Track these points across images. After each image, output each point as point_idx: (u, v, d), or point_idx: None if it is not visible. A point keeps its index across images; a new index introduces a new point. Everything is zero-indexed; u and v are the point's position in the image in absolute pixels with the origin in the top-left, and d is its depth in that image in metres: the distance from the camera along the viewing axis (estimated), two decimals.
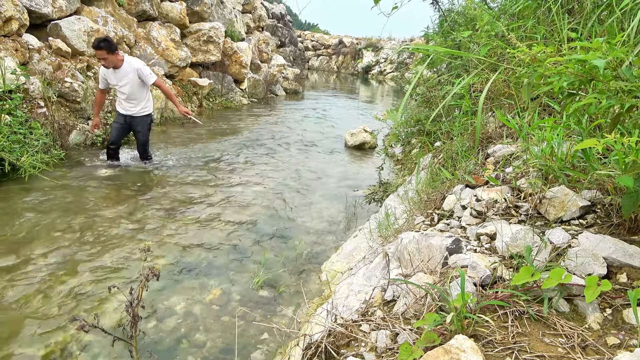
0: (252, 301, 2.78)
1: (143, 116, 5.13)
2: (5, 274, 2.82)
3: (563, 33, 2.31)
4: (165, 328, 2.45)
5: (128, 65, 4.86)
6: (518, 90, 2.70)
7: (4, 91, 4.94)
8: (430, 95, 4.67)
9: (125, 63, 4.85)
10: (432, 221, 2.12)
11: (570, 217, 1.59)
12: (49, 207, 3.88)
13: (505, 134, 2.69)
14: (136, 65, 4.89)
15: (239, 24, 12.53)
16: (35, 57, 5.97)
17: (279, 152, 6.65)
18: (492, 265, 1.42)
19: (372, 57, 29.71)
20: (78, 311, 2.53)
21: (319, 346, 1.24)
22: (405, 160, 5.71)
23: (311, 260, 3.36)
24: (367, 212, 4.32)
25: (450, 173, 2.53)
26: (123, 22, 8.27)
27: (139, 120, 5.12)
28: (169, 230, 3.63)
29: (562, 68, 1.42)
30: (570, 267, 1.32)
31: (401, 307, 1.38)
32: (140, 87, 4.98)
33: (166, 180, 4.89)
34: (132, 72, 4.86)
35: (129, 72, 4.85)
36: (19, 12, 5.87)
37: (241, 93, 11.67)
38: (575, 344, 1.11)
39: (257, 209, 4.26)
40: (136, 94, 4.99)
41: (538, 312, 1.22)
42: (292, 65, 16.99)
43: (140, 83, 4.96)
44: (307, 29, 42.52)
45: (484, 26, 2.82)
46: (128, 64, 4.86)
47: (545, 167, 1.80)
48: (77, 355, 2.20)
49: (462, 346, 1.01)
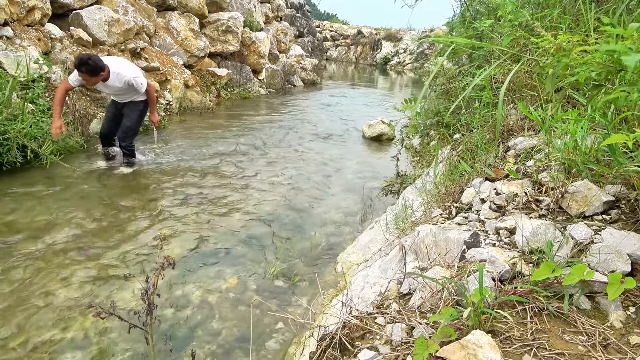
0: (267, 291, 2.80)
1: (136, 101, 4.82)
2: (25, 259, 2.88)
3: (590, 23, 2.24)
4: (181, 316, 2.48)
5: (117, 77, 4.44)
6: (541, 82, 2.63)
7: (27, 80, 5.02)
8: (450, 86, 4.60)
9: (113, 75, 4.41)
10: (450, 214, 2.09)
11: (593, 213, 1.55)
12: (68, 194, 3.95)
13: (527, 126, 2.63)
14: (126, 78, 4.47)
15: (257, 14, 12.51)
16: (57, 46, 6.06)
17: (295, 143, 6.65)
18: (512, 260, 1.39)
19: (391, 48, 29.41)
20: (96, 297, 2.58)
21: (334, 338, 1.23)
22: (423, 152, 5.65)
23: (327, 252, 3.36)
24: (384, 204, 4.29)
25: (469, 166, 2.49)
26: (143, 12, 8.32)
27: (129, 104, 4.81)
28: (186, 219, 3.66)
29: (590, 58, 1.37)
30: (593, 263, 1.28)
31: (417, 300, 1.36)
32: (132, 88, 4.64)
33: (183, 169, 4.93)
34: (122, 83, 4.49)
35: (118, 83, 4.49)
36: (41, 2, 5.95)
37: (259, 83, 11.68)
38: (596, 342, 1.08)
39: (274, 199, 4.27)
40: (129, 93, 4.70)
41: (558, 308, 1.19)
42: (310, 55, 16.92)
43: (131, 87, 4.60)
44: (325, 19, 42.27)
45: (507, 15, 2.75)
46: (117, 76, 4.43)
47: (568, 160, 1.75)
48: (95, 340, 2.24)
49: (479, 342, 0.99)
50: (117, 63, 4.51)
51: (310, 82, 14.84)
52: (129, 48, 7.35)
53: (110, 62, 4.42)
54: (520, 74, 2.93)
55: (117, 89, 4.56)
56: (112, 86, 4.49)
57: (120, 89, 4.56)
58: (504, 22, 2.86)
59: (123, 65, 4.54)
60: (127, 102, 4.77)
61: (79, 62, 4.11)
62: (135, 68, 4.74)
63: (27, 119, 4.40)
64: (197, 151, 5.71)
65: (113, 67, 4.41)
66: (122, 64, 4.57)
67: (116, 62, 4.51)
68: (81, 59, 4.12)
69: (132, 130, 4.87)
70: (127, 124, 4.81)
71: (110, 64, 4.40)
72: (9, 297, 2.50)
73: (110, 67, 4.38)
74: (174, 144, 5.92)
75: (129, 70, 4.54)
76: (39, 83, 5.16)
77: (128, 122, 4.81)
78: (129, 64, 4.75)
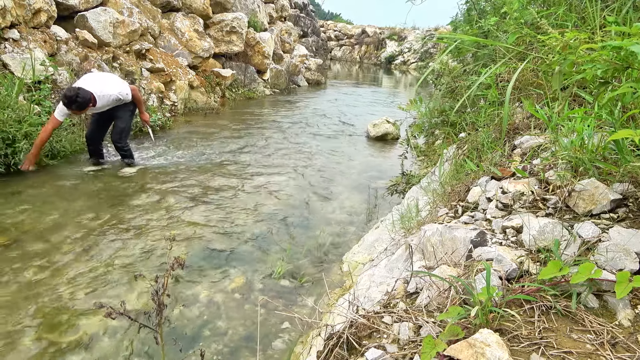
0: (273, 290, 2.80)
1: (126, 103, 4.76)
2: (35, 259, 2.90)
3: (596, 20, 2.23)
4: (188, 315, 2.49)
5: (104, 99, 4.45)
6: (547, 80, 2.62)
7: (34, 82, 5.06)
8: (455, 85, 4.59)
9: (100, 99, 4.40)
10: (456, 213, 2.09)
11: (601, 211, 1.54)
12: (75, 195, 3.98)
13: (533, 124, 2.62)
14: (113, 97, 4.50)
15: (261, 14, 12.53)
16: (63, 48, 6.09)
17: (300, 143, 6.65)
18: (519, 258, 1.38)
19: (395, 47, 29.38)
20: (104, 297, 2.60)
21: (341, 337, 1.24)
22: (429, 151, 5.64)
23: (332, 251, 3.36)
24: (389, 203, 4.29)
25: (475, 165, 2.48)
26: (147, 13, 8.35)
27: (120, 107, 4.75)
28: (192, 218, 3.68)
29: (596, 55, 1.36)
30: (600, 262, 1.28)
31: (424, 299, 1.36)
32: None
33: (190, 169, 4.95)
34: (110, 102, 4.53)
35: (107, 103, 4.53)
36: (47, 5, 5.99)
37: (263, 84, 11.70)
38: (604, 341, 1.07)
39: (279, 198, 4.28)
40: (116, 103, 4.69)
41: (566, 307, 1.19)
42: (314, 55, 16.92)
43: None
44: (329, 18, 42.27)
45: (513, 13, 2.74)
46: (103, 97, 4.44)
47: (575, 159, 1.75)
48: (104, 340, 2.26)
49: (487, 340, 0.99)
50: (99, 84, 4.44)
51: (314, 82, 14.84)
52: (133, 49, 7.38)
53: (93, 86, 4.35)
54: (526, 72, 2.92)
55: (107, 107, 4.59)
56: (102, 107, 4.52)
57: (110, 105, 4.60)
58: (510, 20, 2.86)
59: (105, 84, 4.51)
60: (115, 106, 4.72)
61: (68, 101, 4.11)
62: (116, 81, 4.71)
63: (33, 120, 4.43)
64: (202, 151, 5.73)
65: (97, 90, 4.37)
66: (104, 82, 4.54)
67: (98, 83, 4.45)
68: (70, 98, 4.11)
69: (126, 130, 4.89)
70: (120, 126, 4.82)
71: (93, 88, 4.34)
72: (17, 296, 2.52)
73: (95, 93, 4.33)
74: (179, 144, 5.94)
75: (112, 87, 4.53)
76: (45, 85, 5.20)
77: (121, 123, 4.82)
78: (109, 77, 4.74)
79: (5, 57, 5.10)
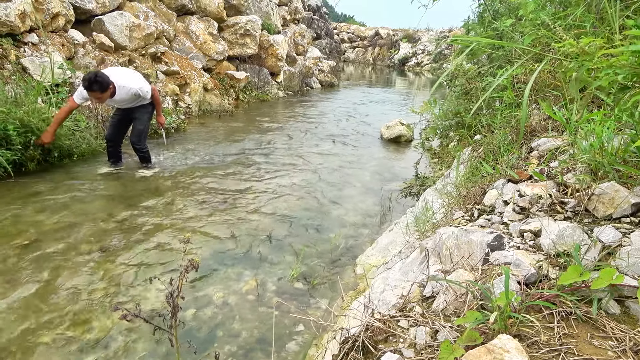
0: (287, 293, 2.80)
1: (144, 104, 4.78)
2: (52, 259, 2.95)
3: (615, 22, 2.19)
4: (202, 317, 2.51)
5: (124, 91, 4.44)
6: (565, 82, 2.58)
7: (52, 85, 5.14)
8: (470, 87, 4.55)
9: (120, 89, 4.41)
10: (472, 216, 2.06)
11: (621, 215, 1.51)
12: (91, 196, 4.03)
13: (551, 127, 2.59)
14: (132, 91, 4.48)
15: (275, 17, 12.58)
16: (80, 51, 6.19)
17: (313, 145, 6.66)
18: (537, 263, 1.36)
19: (408, 49, 29.26)
20: (120, 297, 2.62)
21: (357, 340, 1.23)
22: (443, 153, 5.60)
23: (346, 254, 3.35)
24: (403, 206, 4.27)
25: (491, 167, 2.46)
26: (163, 17, 8.45)
27: (138, 108, 4.76)
28: (205, 221, 3.70)
29: (615, 61, 1.34)
30: (622, 267, 1.25)
31: (441, 303, 1.35)
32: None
33: (203, 172, 4.98)
34: (129, 95, 4.50)
35: (125, 96, 4.50)
36: (65, 9, 6.09)
37: (277, 86, 11.74)
38: (626, 348, 1.05)
39: (292, 201, 4.28)
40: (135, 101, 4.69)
41: (586, 313, 1.17)
42: (327, 57, 16.94)
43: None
44: (343, 20, 42.27)
45: (529, 14, 2.71)
46: (123, 89, 4.43)
47: (594, 162, 1.72)
48: (119, 341, 2.28)
49: (505, 346, 0.98)
50: (120, 76, 4.48)
51: (327, 83, 14.85)
52: (149, 52, 7.46)
53: (114, 76, 4.39)
54: (542, 74, 2.88)
55: (125, 101, 4.59)
56: (120, 100, 4.52)
57: (128, 100, 4.59)
58: (525, 21, 2.82)
59: (127, 77, 4.53)
60: (134, 107, 4.74)
61: (89, 82, 4.12)
62: (138, 77, 4.71)
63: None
64: (216, 153, 5.76)
65: (118, 81, 4.40)
66: (125, 75, 4.56)
67: (119, 75, 4.48)
68: (89, 79, 4.12)
69: (144, 132, 4.89)
70: (139, 128, 4.83)
71: (115, 78, 4.38)
72: (35, 295, 2.56)
73: (116, 82, 4.37)
74: (193, 146, 5.99)
75: (133, 81, 4.54)
76: (63, 88, 5.28)
77: (140, 125, 4.83)
78: (131, 73, 4.74)
79: (24, 61, 5.20)
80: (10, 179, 4.03)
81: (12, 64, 5.07)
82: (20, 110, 4.24)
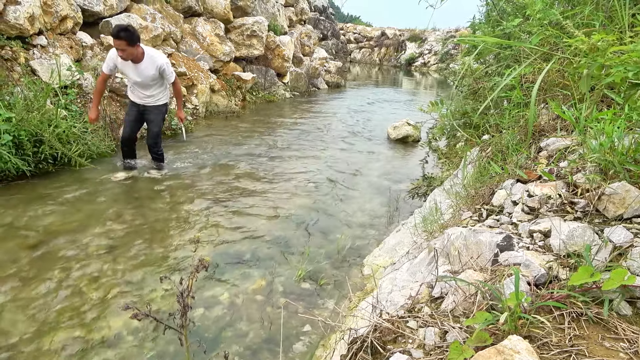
0: (294, 293, 2.80)
1: (158, 105, 4.71)
2: (62, 259, 2.97)
3: (624, 20, 2.17)
4: (211, 317, 2.51)
5: (150, 60, 4.36)
6: (574, 81, 2.56)
7: (60, 87, 5.18)
8: (478, 87, 4.52)
9: (147, 57, 4.34)
10: (481, 217, 2.05)
11: (632, 215, 1.50)
12: (101, 197, 4.06)
13: (560, 126, 2.57)
14: (159, 62, 4.39)
15: (281, 18, 12.60)
16: (88, 53, 6.23)
17: (320, 145, 6.66)
18: (547, 263, 1.35)
19: (415, 49, 29.18)
20: (130, 297, 2.64)
21: (365, 341, 1.23)
22: (450, 154, 5.57)
23: (353, 254, 3.35)
24: (410, 206, 4.26)
25: (499, 167, 2.44)
26: (170, 19, 8.49)
27: (152, 109, 4.69)
28: (213, 221, 3.71)
29: (626, 57, 1.33)
30: (633, 267, 1.24)
31: (450, 304, 1.34)
32: (160, 80, 4.58)
33: (210, 172, 5.00)
34: (154, 69, 4.39)
35: (151, 69, 4.39)
36: (73, 11, 6.14)
37: (283, 87, 11.75)
38: (638, 350, 1.04)
39: (299, 201, 4.29)
40: (155, 86, 4.59)
41: (597, 314, 1.16)
42: (334, 58, 16.94)
43: (160, 77, 4.55)
44: (349, 21, 42.25)
45: (536, 14, 2.69)
46: (150, 59, 4.36)
47: (604, 161, 1.70)
48: (129, 340, 2.29)
49: (516, 347, 0.97)
50: (151, 48, 4.46)
51: (334, 84, 14.85)
52: None
53: (145, 47, 4.37)
54: (551, 73, 2.86)
55: (148, 77, 4.44)
56: (144, 71, 4.38)
57: (151, 77, 4.44)
58: (533, 20, 2.80)
59: (155, 52, 4.48)
60: (149, 106, 4.66)
61: (118, 29, 3.97)
62: (165, 57, 4.61)
63: (60, 125, 4.54)
64: (223, 154, 5.78)
65: (148, 50, 4.35)
66: (154, 50, 4.52)
67: (150, 48, 4.46)
68: (119, 26, 4.00)
69: (159, 134, 4.85)
70: (154, 130, 4.77)
71: (145, 48, 4.35)
72: (45, 294, 2.58)
73: (145, 50, 4.32)
74: (201, 147, 6.01)
75: (162, 57, 4.47)
76: (72, 90, 5.32)
77: (155, 127, 4.77)
78: (160, 52, 4.69)
79: (33, 63, 5.24)
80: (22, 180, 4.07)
81: (21, 66, 5.11)
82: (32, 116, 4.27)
